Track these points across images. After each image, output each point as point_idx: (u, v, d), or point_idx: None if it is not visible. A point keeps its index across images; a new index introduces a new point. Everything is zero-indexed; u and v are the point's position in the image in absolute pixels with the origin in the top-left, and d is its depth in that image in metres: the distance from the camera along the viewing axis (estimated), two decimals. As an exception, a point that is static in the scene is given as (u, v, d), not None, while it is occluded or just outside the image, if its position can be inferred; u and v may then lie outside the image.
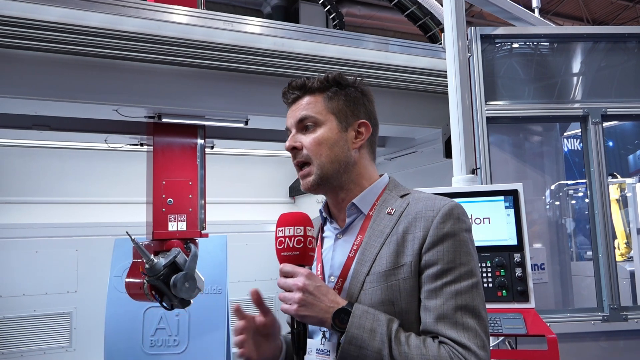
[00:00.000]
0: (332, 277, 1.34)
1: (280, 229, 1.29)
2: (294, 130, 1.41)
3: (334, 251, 1.39)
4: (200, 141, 4.40)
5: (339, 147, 1.37)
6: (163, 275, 3.86)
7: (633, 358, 3.13)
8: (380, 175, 1.45)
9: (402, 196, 1.37)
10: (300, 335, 1.26)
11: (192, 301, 4.10)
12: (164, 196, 4.13)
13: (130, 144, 4.88)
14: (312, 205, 7.51)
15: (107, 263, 5.47)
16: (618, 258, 7.32)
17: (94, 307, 5.80)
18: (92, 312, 5.91)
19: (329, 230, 1.46)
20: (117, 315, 5.19)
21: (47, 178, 6.50)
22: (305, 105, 1.39)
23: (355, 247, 1.33)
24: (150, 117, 3.95)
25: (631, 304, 3.65)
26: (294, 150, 1.39)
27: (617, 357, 3.16)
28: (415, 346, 1.15)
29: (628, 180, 7.34)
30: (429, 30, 6.82)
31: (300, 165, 1.39)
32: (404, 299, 1.23)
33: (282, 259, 1.28)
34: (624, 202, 7.37)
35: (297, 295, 1.22)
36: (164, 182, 4.16)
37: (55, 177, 6.55)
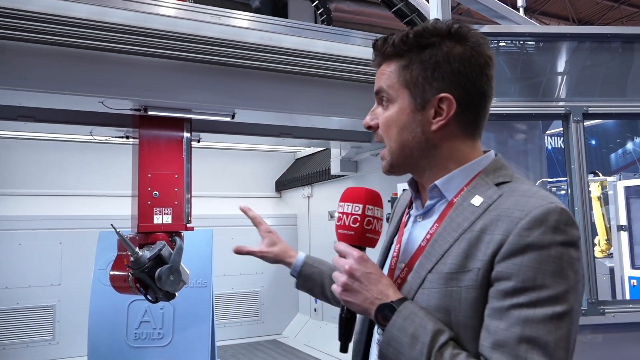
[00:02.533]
0: (401, 264, 1.18)
1: (341, 204, 1.15)
2: (375, 103, 1.19)
3: (410, 234, 1.21)
4: (186, 134, 4.39)
5: (409, 130, 1.13)
6: (148, 268, 3.86)
7: (611, 351, 3.21)
8: (485, 152, 1.18)
9: (498, 184, 1.10)
10: (344, 320, 1.15)
11: (177, 294, 4.10)
12: (149, 189, 4.13)
13: (115, 137, 4.86)
14: (298, 199, 7.54)
15: (91, 256, 5.44)
16: (598, 254, 7.47)
17: (78, 300, 5.78)
18: (76, 305, 5.89)
19: (414, 208, 1.25)
20: (101, 308, 5.18)
21: (30, 170, 6.44)
22: (381, 75, 1.16)
23: (428, 236, 1.13)
24: (136, 110, 3.93)
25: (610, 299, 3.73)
26: (370, 128, 1.20)
27: (596, 351, 3.23)
28: None
29: (609, 179, 7.48)
30: (405, 16, 6.83)
31: (382, 142, 1.19)
32: (463, 310, 1.02)
33: (338, 237, 1.15)
34: (605, 199, 7.50)
35: (342, 278, 1.09)
36: (149, 175, 4.15)
37: (39, 169, 6.49)
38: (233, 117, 4.20)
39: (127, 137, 4.77)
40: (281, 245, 1.71)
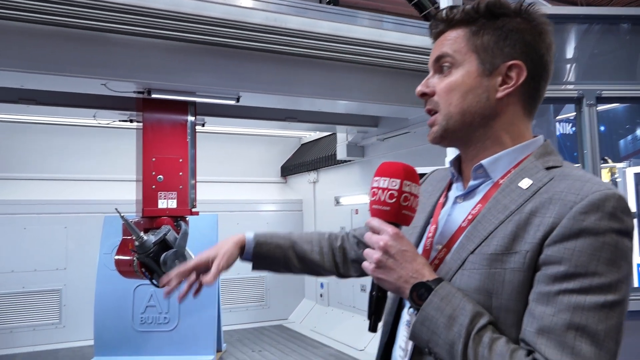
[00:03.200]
0: (438, 245, 1.14)
1: (376, 178, 1.10)
2: (430, 72, 1.17)
3: (449, 215, 1.17)
4: (190, 118, 4.34)
5: (475, 95, 1.09)
6: (153, 252, 3.84)
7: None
8: (534, 137, 1.14)
9: (548, 168, 1.06)
10: (375, 299, 1.11)
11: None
12: (153, 173, 4.09)
13: (119, 120, 4.81)
14: (304, 185, 7.50)
15: (96, 240, 5.44)
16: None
17: (83, 284, 5.79)
18: (81, 289, 5.90)
19: (454, 189, 1.21)
20: (106, 292, 5.18)
21: (35, 154, 6.43)
22: (444, 42, 1.14)
23: (470, 217, 1.10)
24: (139, 93, 3.88)
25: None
26: (424, 96, 1.15)
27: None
28: (498, 354, 0.92)
29: (619, 165, 7.38)
30: (424, 9, 6.75)
31: (430, 112, 1.15)
32: (506, 293, 0.98)
33: (372, 212, 1.10)
34: (614, 186, 7.40)
35: (376, 254, 1.05)
36: (153, 159, 4.10)
37: (44, 153, 6.47)
38: (238, 100, 4.14)
39: (131, 121, 4.73)
40: (219, 250, 1.50)
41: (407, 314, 1.15)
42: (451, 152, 3.33)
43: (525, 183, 1.05)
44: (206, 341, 5.07)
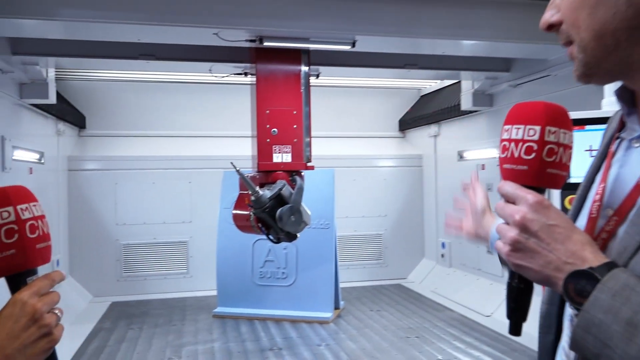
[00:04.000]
0: (608, 210, 0.83)
1: (507, 127, 0.83)
2: None
3: (621, 167, 0.86)
4: (304, 68, 4.12)
5: (607, 6, 0.77)
6: (268, 207, 3.74)
7: None
8: None
9: None
10: (515, 291, 0.84)
11: (298, 235, 3.97)
12: (268, 126, 3.96)
13: (234, 74, 4.74)
14: (423, 139, 7.06)
15: (217, 195, 5.55)
16: None
17: (207, 237, 5.98)
18: (206, 242, 6.11)
19: (626, 130, 0.88)
20: (227, 246, 5.28)
21: (159, 112, 6.69)
22: None
23: None
24: (251, 41, 3.71)
25: None
26: (551, 28, 0.85)
27: None
28: None
29: None
30: None
31: (566, 45, 0.86)
32: None
33: (504, 174, 0.84)
34: None
35: (511, 232, 0.78)
36: (267, 112, 3.97)
37: (167, 111, 6.71)
38: (353, 45, 3.82)
39: (246, 74, 4.63)
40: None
41: (569, 307, 0.83)
42: (610, 91, 2.75)
43: None
44: (324, 298, 5.00)
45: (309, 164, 4.08)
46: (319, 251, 5.09)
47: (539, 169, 0.80)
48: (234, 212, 4.15)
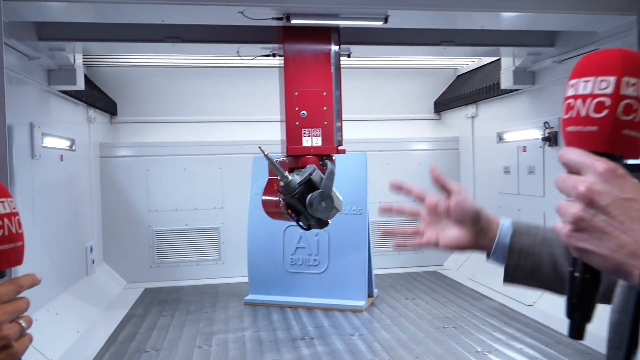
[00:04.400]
0: None
1: (572, 82, 0.69)
2: None
3: None
4: (334, 47, 3.93)
5: None
6: (298, 193, 3.60)
7: None
8: None
9: None
10: (579, 282, 0.69)
11: (330, 221, 3.82)
12: (297, 108, 3.80)
13: (262, 55, 4.59)
14: (460, 120, 6.78)
15: (248, 181, 5.44)
16: None
17: (238, 223, 5.91)
18: (237, 228, 6.04)
19: None
20: (258, 233, 5.18)
21: (188, 98, 6.63)
22: None
23: None
24: (278, 19, 3.54)
25: None
26: None
27: None
28: None
29: None
30: None
31: None
32: None
33: (566, 138, 0.70)
34: None
35: (574, 208, 0.64)
36: (296, 93, 3.81)
37: (196, 96, 6.65)
38: (386, 20, 3.61)
39: (274, 55, 4.47)
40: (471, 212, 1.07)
41: None
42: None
43: None
44: (357, 286, 4.85)
45: (340, 148, 3.91)
46: (352, 238, 4.93)
47: (613, 130, 0.65)
48: (263, 198, 4.03)
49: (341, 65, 3.98)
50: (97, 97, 5.83)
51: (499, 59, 5.47)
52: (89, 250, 5.45)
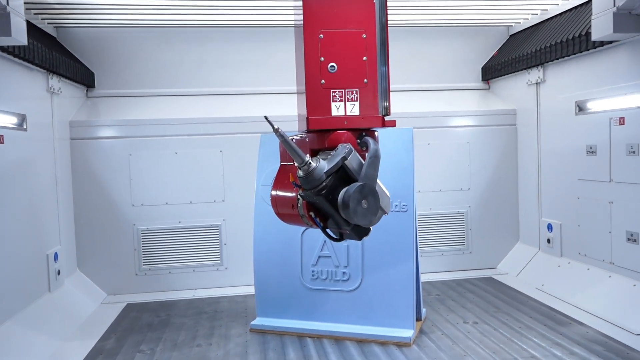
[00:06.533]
0: None
1: None
2: None
3: None
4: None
5: None
6: (326, 187, 2.34)
7: None
8: None
9: None
10: None
11: (371, 228, 2.56)
12: (322, 59, 2.50)
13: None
14: (518, 90, 5.44)
15: (254, 166, 4.18)
16: None
17: (245, 220, 4.73)
18: (243, 226, 4.85)
19: None
20: (266, 235, 3.93)
21: (183, 66, 5.40)
22: None
23: None
24: None
25: None
26: None
27: None
28: None
29: None
30: None
31: None
32: None
33: None
34: None
35: None
36: (321, 36, 2.50)
37: (194, 64, 5.43)
38: None
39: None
40: None
41: None
42: None
43: None
44: (403, 309, 3.58)
45: (387, 119, 2.61)
46: (394, 243, 3.65)
47: None
48: (274, 193, 2.75)
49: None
50: (66, 63, 4.58)
51: (580, 5, 4.09)
52: (53, 258, 4.25)
